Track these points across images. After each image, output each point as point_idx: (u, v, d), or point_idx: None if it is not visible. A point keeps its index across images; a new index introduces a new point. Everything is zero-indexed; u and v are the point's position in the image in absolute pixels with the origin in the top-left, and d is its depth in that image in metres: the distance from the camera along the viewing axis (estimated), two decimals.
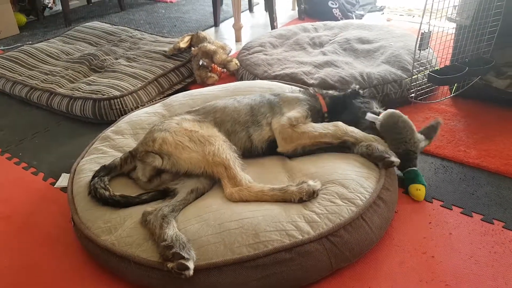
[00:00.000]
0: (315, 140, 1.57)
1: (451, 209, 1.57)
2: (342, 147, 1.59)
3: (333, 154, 1.59)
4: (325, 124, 1.60)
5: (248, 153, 1.63)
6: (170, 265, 1.17)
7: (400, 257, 1.38)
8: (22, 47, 3.00)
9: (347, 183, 1.42)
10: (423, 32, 1.97)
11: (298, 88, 1.93)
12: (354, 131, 1.58)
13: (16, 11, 3.92)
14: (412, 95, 2.14)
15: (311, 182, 1.38)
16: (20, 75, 2.66)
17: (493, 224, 1.49)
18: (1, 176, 1.94)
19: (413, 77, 2.14)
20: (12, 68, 2.74)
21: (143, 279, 1.28)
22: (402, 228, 1.49)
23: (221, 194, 1.44)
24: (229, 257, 1.22)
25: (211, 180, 1.50)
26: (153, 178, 1.53)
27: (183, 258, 1.17)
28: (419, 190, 1.60)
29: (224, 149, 1.46)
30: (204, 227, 1.30)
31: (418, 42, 2.00)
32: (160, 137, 1.50)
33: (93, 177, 1.53)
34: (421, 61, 2.15)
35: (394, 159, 1.48)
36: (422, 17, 1.93)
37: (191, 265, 1.17)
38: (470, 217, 1.53)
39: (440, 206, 1.59)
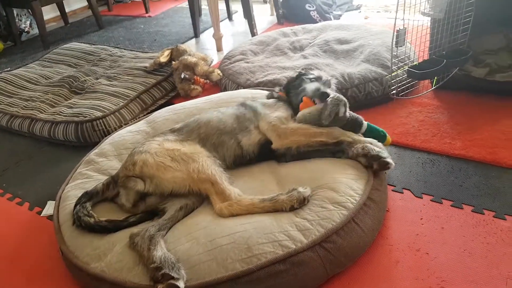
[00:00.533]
0: (311, 139, 1.53)
1: (441, 203, 1.57)
2: (335, 152, 1.55)
3: (322, 159, 1.57)
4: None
5: (240, 160, 1.60)
6: (160, 286, 1.15)
7: (395, 257, 1.37)
8: (0, 75, 2.96)
9: (337, 187, 1.41)
10: (398, 29, 1.98)
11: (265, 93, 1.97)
12: (350, 133, 1.56)
13: None
14: (394, 91, 2.15)
15: (301, 189, 1.37)
16: (0, 104, 2.61)
17: (483, 214, 1.49)
18: None
19: (392, 74, 2.15)
20: None
21: None
22: (395, 227, 1.49)
23: (210, 210, 1.42)
24: (222, 275, 1.20)
25: (200, 196, 1.47)
26: (138, 203, 1.49)
27: (173, 278, 1.15)
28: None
29: (208, 164, 1.44)
30: (195, 245, 1.28)
31: (394, 39, 2.01)
32: (140, 159, 1.47)
33: (75, 205, 1.49)
34: (400, 57, 2.16)
35: (390, 160, 1.46)
36: (396, 13, 1.94)
37: (181, 284, 1.15)
38: (461, 209, 1.53)
39: (430, 200, 1.59)
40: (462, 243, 1.39)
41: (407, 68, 2.04)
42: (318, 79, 1.74)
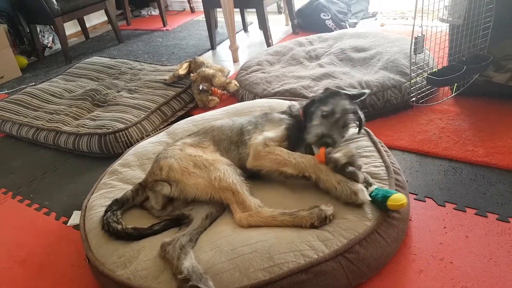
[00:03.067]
0: (277, 167, 1.46)
1: (465, 211, 1.54)
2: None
3: None
4: (300, 154, 1.45)
5: (244, 171, 1.57)
6: None
7: (419, 266, 1.36)
8: (25, 89, 3.07)
9: None
10: (416, 36, 1.98)
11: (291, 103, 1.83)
12: (321, 169, 1.39)
13: (17, 54, 4.03)
14: (413, 99, 2.14)
15: (323, 207, 1.34)
16: (26, 117, 2.71)
17: (509, 222, 1.46)
18: (14, 219, 1.97)
19: (411, 81, 2.14)
20: (17, 111, 2.80)
21: None
22: (418, 236, 1.47)
23: (231, 219, 1.43)
24: (245, 283, 1.21)
25: (221, 204, 1.49)
26: (166, 206, 1.54)
27: None
28: (401, 202, 1.33)
29: (230, 173, 1.46)
30: (218, 254, 1.30)
31: (412, 46, 2.00)
32: (166, 164, 1.51)
33: (106, 211, 1.54)
34: (419, 64, 2.15)
35: (363, 198, 1.34)
36: (414, 20, 1.94)
37: None
38: (485, 217, 1.50)
39: (454, 209, 1.57)
40: (487, 252, 1.37)
41: (426, 75, 2.03)
42: (329, 115, 1.50)
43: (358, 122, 1.60)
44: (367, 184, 1.40)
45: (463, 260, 1.35)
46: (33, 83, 3.53)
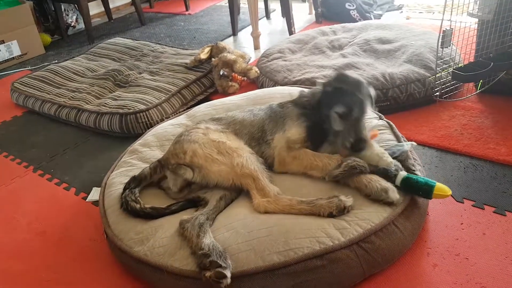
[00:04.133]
0: (304, 170, 1.49)
1: (483, 209, 1.53)
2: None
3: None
4: (326, 156, 1.47)
5: (266, 166, 1.57)
6: (208, 273, 1.18)
7: (434, 260, 1.35)
8: (48, 67, 3.12)
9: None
10: (444, 29, 1.94)
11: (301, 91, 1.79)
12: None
13: (41, 32, 4.08)
14: (437, 93, 2.10)
15: (342, 197, 1.33)
16: (48, 94, 2.76)
17: None
18: (35, 192, 2.02)
19: (436, 75, 2.10)
20: (40, 87, 2.85)
21: None
22: (434, 231, 1.46)
23: (248, 202, 1.45)
24: (260, 265, 1.23)
25: (239, 189, 1.51)
26: (184, 189, 1.56)
27: (221, 266, 1.19)
28: (447, 193, 1.34)
29: (252, 160, 1.47)
30: (234, 235, 1.32)
31: (440, 40, 1.96)
32: (190, 149, 1.52)
33: (124, 189, 1.56)
34: (444, 59, 2.11)
35: (393, 197, 1.34)
36: (443, 14, 1.90)
37: (228, 273, 1.18)
38: (504, 216, 1.48)
39: (472, 206, 1.55)
40: (504, 250, 1.35)
41: (452, 69, 1.99)
42: (345, 115, 1.45)
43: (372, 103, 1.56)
44: (397, 170, 1.40)
45: (479, 256, 1.34)
46: (56, 60, 3.59)
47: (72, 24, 4.46)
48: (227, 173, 1.45)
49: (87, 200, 1.89)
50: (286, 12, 3.38)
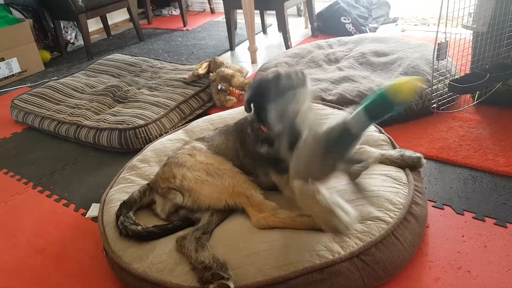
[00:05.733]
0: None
1: (484, 221, 1.52)
2: None
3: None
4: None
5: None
6: (211, 286, 1.18)
7: (435, 274, 1.34)
8: (48, 83, 3.14)
9: (375, 201, 1.40)
10: (439, 42, 1.96)
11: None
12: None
13: (41, 49, 4.11)
14: (434, 105, 2.12)
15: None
16: (48, 110, 2.77)
17: None
18: (35, 209, 2.01)
19: (433, 87, 2.12)
20: (40, 104, 2.86)
21: None
22: (435, 243, 1.45)
23: (244, 217, 1.43)
24: (259, 279, 1.22)
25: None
26: (171, 215, 1.52)
27: (223, 278, 1.18)
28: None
29: (243, 179, 1.46)
30: (233, 249, 1.31)
31: (435, 53, 1.99)
32: (179, 173, 1.50)
33: (117, 216, 1.52)
34: (441, 71, 2.13)
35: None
36: (438, 26, 1.92)
37: (231, 284, 1.18)
38: (505, 227, 1.48)
39: (472, 218, 1.55)
40: (506, 262, 1.34)
41: (448, 81, 2.01)
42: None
43: None
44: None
45: (481, 269, 1.33)
46: (56, 77, 3.61)
47: (71, 41, 4.50)
48: (219, 194, 1.44)
49: (86, 216, 1.88)
50: (282, 27, 3.43)
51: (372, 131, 1.78)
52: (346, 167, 1.41)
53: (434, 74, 2.10)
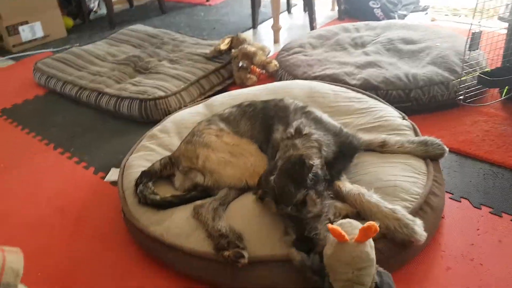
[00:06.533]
0: None
1: (501, 216, 1.51)
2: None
3: (376, 156, 1.55)
4: None
5: None
6: (226, 253, 1.21)
7: (447, 263, 1.34)
8: (70, 49, 3.17)
9: (392, 191, 1.38)
10: (473, 32, 1.91)
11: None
12: None
13: (64, 15, 4.12)
14: (461, 97, 2.07)
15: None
16: (70, 76, 2.80)
17: None
18: (55, 170, 2.06)
19: (462, 78, 2.07)
20: (62, 69, 2.89)
21: (191, 269, 1.34)
22: (449, 234, 1.45)
23: None
24: (274, 253, 1.24)
25: None
26: (190, 191, 1.53)
27: (238, 247, 1.21)
28: None
29: (265, 161, 1.47)
30: (249, 223, 1.33)
31: (468, 42, 1.93)
32: (203, 154, 1.50)
33: (137, 184, 1.54)
34: (470, 62, 2.08)
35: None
36: (473, 16, 1.87)
37: (246, 254, 1.21)
38: None
39: (489, 213, 1.53)
40: None
41: (478, 73, 1.96)
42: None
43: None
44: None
45: (494, 263, 1.33)
46: (78, 44, 3.63)
47: (94, 9, 4.49)
48: (240, 174, 1.45)
49: (105, 180, 1.92)
50: (309, 7, 3.36)
51: (395, 116, 1.75)
52: None
53: (463, 65, 2.05)
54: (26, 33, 3.72)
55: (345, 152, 1.45)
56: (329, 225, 1.04)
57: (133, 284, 1.39)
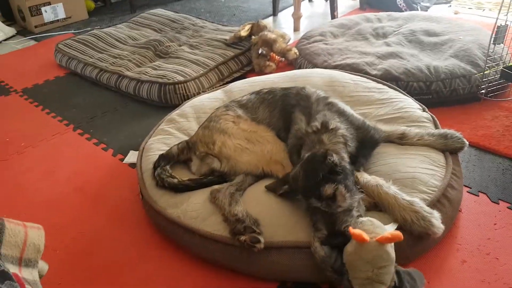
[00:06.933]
0: None
1: None
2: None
3: (395, 147, 1.54)
4: None
5: None
6: (242, 238, 1.23)
7: (463, 256, 1.34)
8: (92, 31, 3.20)
9: (410, 182, 1.38)
10: (499, 25, 1.87)
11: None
12: None
13: None
14: (483, 91, 2.04)
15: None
16: (91, 57, 2.84)
17: None
18: (74, 150, 2.11)
19: (485, 72, 2.04)
20: (83, 51, 2.93)
21: (206, 252, 1.36)
22: (466, 228, 1.45)
23: None
24: (289, 239, 1.26)
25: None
26: (206, 176, 1.54)
27: (255, 232, 1.23)
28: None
29: (282, 148, 1.47)
30: (265, 209, 1.35)
31: (493, 36, 1.89)
32: (220, 140, 1.51)
33: (154, 168, 1.56)
34: (493, 57, 2.04)
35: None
36: (500, 9, 1.82)
37: (262, 239, 1.23)
38: None
39: (507, 208, 1.52)
40: None
41: (501, 68, 1.93)
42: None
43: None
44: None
45: (510, 258, 1.32)
46: (99, 26, 3.66)
47: None
48: (257, 161, 1.46)
49: (124, 162, 1.96)
50: None
51: (415, 108, 1.74)
52: None
53: (487, 59, 2.01)
54: (48, 14, 3.77)
55: (366, 145, 1.44)
56: (350, 229, 1.06)
57: (149, 265, 1.42)
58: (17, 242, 0.91)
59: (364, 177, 1.34)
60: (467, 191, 1.60)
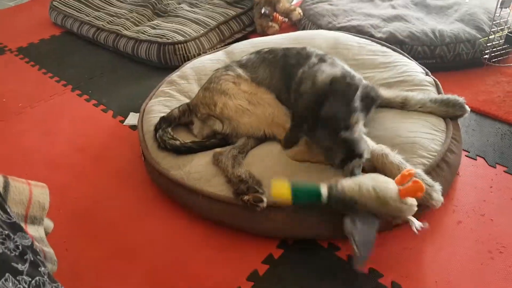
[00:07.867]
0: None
1: None
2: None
3: (396, 112, 1.54)
4: None
5: None
6: (246, 197, 1.25)
7: (458, 217, 1.39)
8: None
9: (410, 147, 1.39)
10: None
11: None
12: None
13: None
14: (486, 56, 2.02)
15: None
16: (87, 16, 2.76)
17: None
18: (73, 111, 2.09)
19: (490, 36, 2.01)
20: (79, 8, 2.84)
21: (210, 212, 1.39)
22: (462, 190, 1.48)
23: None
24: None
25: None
26: (209, 138, 1.55)
27: (258, 192, 1.25)
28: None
29: (283, 111, 1.47)
30: (268, 170, 1.37)
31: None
32: (221, 101, 1.50)
33: (156, 130, 1.56)
34: (498, 21, 2.00)
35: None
36: None
37: (265, 198, 1.25)
38: None
39: (504, 171, 1.55)
40: None
41: (506, 33, 1.90)
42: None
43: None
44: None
45: (504, 219, 1.36)
46: None
47: None
48: (258, 123, 1.46)
49: (124, 124, 1.95)
50: None
51: (418, 72, 1.73)
52: None
53: (493, 23, 1.97)
54: None
55: (363, 103, 1.43)
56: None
57: (152, 224, 1.45)
58: (22, 200, 0.92)
59: (369, 144, 1.34)
60: (466, 155, 1.62)
